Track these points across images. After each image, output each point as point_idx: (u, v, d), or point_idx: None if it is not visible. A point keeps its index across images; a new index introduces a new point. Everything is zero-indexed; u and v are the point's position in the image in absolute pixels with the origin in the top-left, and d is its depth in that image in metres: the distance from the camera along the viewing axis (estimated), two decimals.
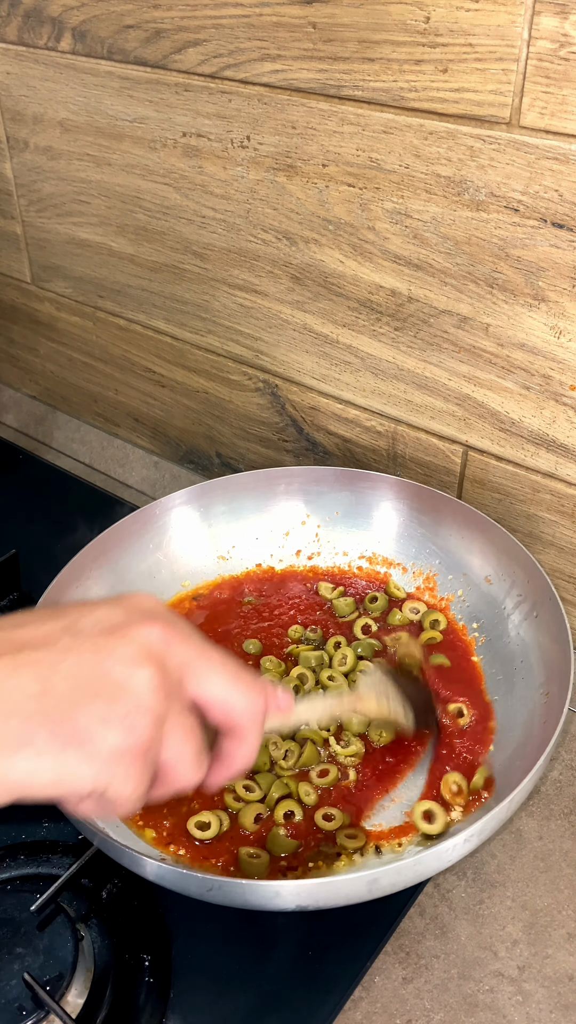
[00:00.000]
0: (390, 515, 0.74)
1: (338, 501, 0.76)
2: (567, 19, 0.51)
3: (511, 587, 0.66)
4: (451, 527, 0.71)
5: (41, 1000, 0.49)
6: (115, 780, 0.37)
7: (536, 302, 0.61)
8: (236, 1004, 0.53)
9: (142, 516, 0.73)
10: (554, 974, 0.55)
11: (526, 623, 0.64)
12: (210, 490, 0.75)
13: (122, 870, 0.58)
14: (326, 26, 0.61)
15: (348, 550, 0.76)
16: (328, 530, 0.76)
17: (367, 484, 0.74)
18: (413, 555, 0.73)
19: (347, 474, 0.75)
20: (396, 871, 0.49)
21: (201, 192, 0.76)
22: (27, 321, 1.03)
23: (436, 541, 0.72)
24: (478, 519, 0.69)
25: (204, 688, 0.40)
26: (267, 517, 0.77)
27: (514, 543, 0.66)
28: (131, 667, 0.38)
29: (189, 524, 0.75)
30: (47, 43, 0.79)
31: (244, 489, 0.76)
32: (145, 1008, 0.52)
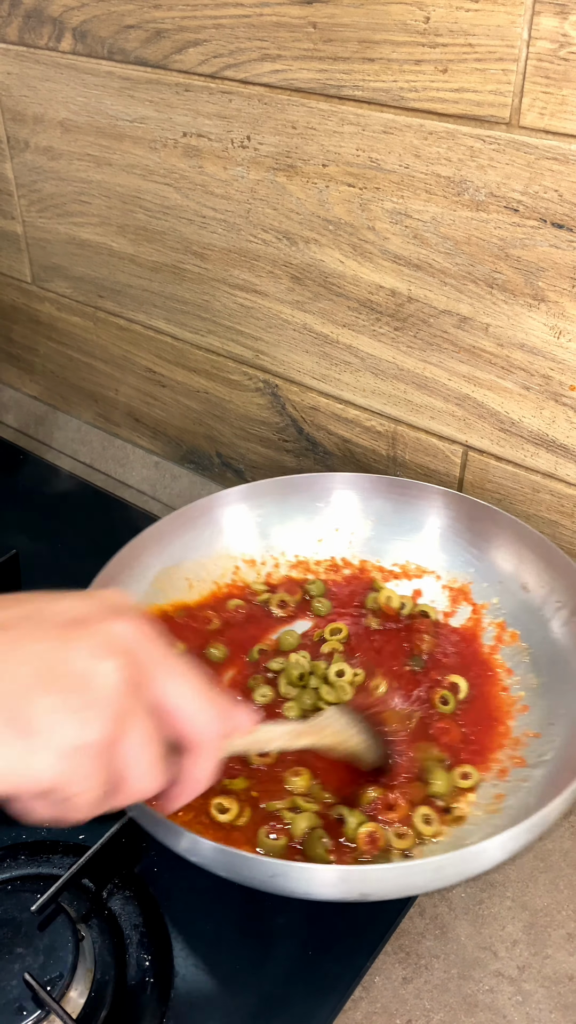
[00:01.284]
0: (424, 523, 0.73)
1: (373, 509, 0.75)
2: (567, 19, 0.51)
3: (549, 593, 0.66)
4: (487, 535, 0.70)
5: (41, 1000, 0.50)
6: (71, 779, 0.35)
7: (536, 302, 0.61)
8: (236, 1004, 0.53)
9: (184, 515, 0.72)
10: (554, 974, 0.55)
11: (565, 628, 0.64)
12: (249, 493, 0.75)
13: (122, 870, 0.58)
14: (326, 26, 0.61)
15: (381, 558, 0.75)
16: (362, 537, 0.76)
17: (401, 491, 0.73)
18: (448, 563, 0.72)
19: (383, 481, 0.74)
20: (461, 859, 0.48)
21: (201, 192, 0.76)
22: (27, 321, 1.03)
23: (471, 550, 0.71)
24: (514, 526, 0.68)
25: (168, 694, 0.38)
26: (301, 524, 0.76)
27: (553, 548, 0.65)
28: (95, 659, 0.36)
29: (226, 526, 0.74)
30: (48, 43, 0.79)
31: (279, 494, 0.75)
32: (145, 1008, 0.52)
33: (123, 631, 0.37)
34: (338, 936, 0.56)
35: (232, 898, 0.58)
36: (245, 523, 0.75)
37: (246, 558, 0.75)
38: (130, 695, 0.36)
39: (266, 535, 0.76)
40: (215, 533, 0.74)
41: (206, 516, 0.74)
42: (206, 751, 0.40)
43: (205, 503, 0.73)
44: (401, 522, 0.74)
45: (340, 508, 0.76)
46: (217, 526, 0.74)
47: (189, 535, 0.73)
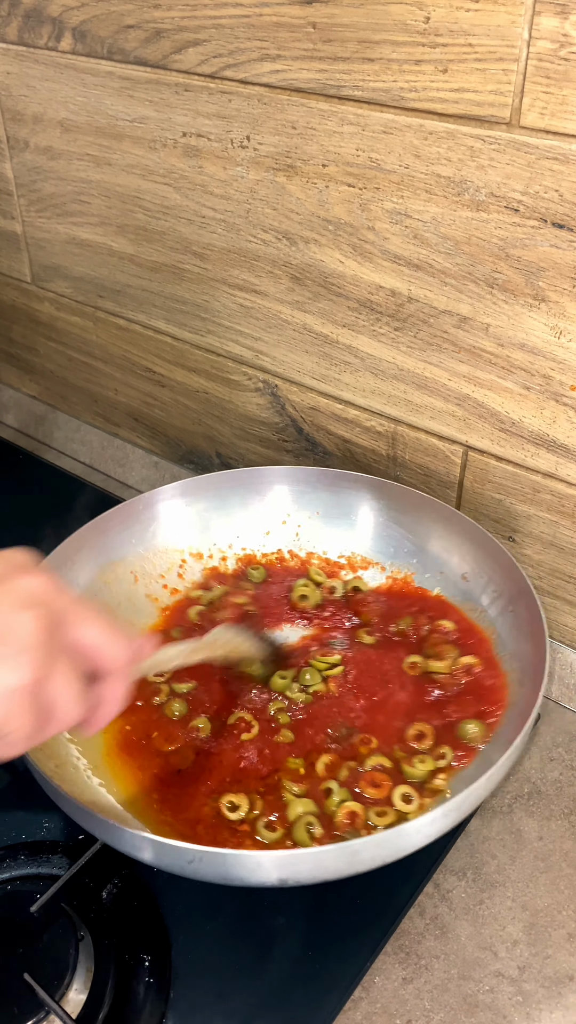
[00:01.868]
0: (369, 515, 0.75)
1: (319, 500, 0.76)
2: (567, 19, 0.51)
3: (487, 583, 0.67)
4: (429, 526, 0.72)
5: (41, 1000, 0.50)
6: (5, 719, 0.39)
7: (536, 302, 0.61)
8: (236, 1004, 0.53)
9: (124, 510, 0.73)
10: (554, 974, 0.55)
11: (501, 618, 0.65)
12: (194, 487, 0.76)
13: (123, 870, 0.58)
14: (326, 26, 0.61)
15: (328, 549, 0.76)
16: (308, 530, 0.77)
17: (347, 484, 0.75)
18: (392, 554, 0.74)
19: (327, 474, 0.76)
20: (376, 843, 0.49)
21: (201, 192, 0.76)
22: (27, 321, 1.03)
23: (414, 540, 0.73)
24: (456, 517, 0.70)
25: (81, 635, 0.43)
26: (248, 515, 0.77)
27: (491, 540, 0.67)
28: (15, 611, 0.40)
29: (171, 519, 0.75)
30: (47, 43, 0.79)
31: (225, 487, 0.77)
32: (145, 1008, 0.52)
33: (33, 584, 0.42)
34: (338, 936, 0.56)
35: (232, 898, 0.58)
36: (187, 517, 0.76)
37: (192, 551, 0.76)
38: (49, 639, 0.40)
39: (210, 528, 0.77)
40: (158, 527, 0.75)
41: (149, 511, 0.75)
42: (120, 675, 0.46)
43: (147, 497, 0.74)
44: (345, 514, 0.76)
45: (283, 501, 0.77)
46: (159, 520, 0.75)
47: (132, 529, 0.74)
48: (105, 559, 0.72)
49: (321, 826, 0.56)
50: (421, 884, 0.59)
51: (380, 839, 0.49)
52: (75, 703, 0.42)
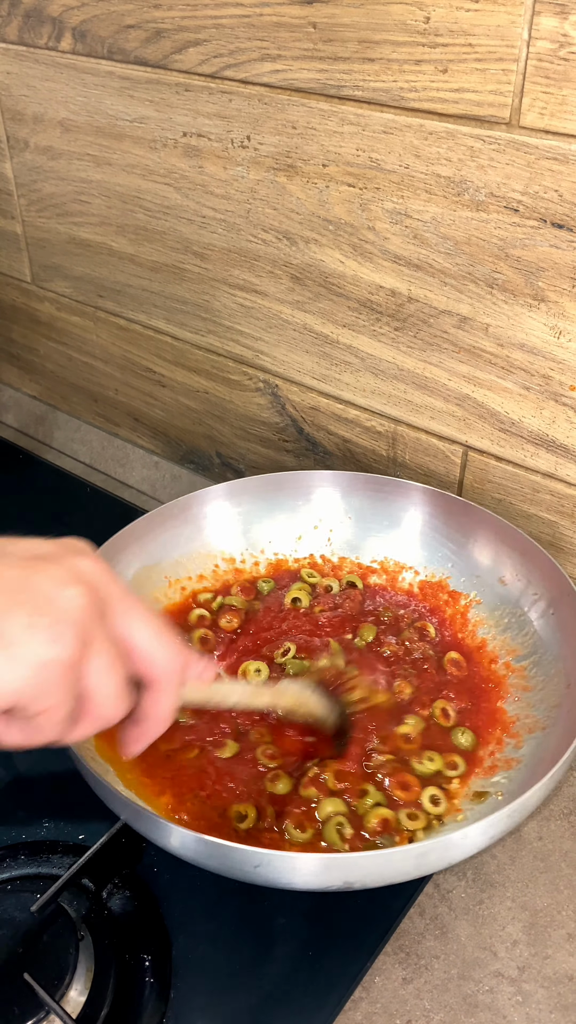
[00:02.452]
0: (402, 520, 0.74)
1: (351, 506, 0.76)
2: (567, 19, 0.51)
3: (526, 586, 0.67)
4: (464, 530, 0.71)
5: (41, 1000, 0.49)
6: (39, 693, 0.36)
7: (536, 302, 0.61)
8: (236, 1004, 0.53)
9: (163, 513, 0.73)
10: (554, 974, 0.55)
11: (542, 620, 0.65)
12: (228, 492, 0.75)
13: (123, 870, 0.58)
14: (326, 26, 0.61)
15: (360, 555, 0.76)
16: (341, 534, 0.76)
17: (379, 488, 0.74)
18: (426, 559, 0.73)
19: (359, 479, 0.75)
20: (444, 845, 0.49)
21: (201, 192, 0.76)
22: (27, 321, 1.03)
23: (448, 545, 0.72)
24: (491, 520, 0.69)
25: (129, 630, 0.40)
26: (280, 521, 0.76)
27: (530, 543, 0.66)
28: (60, 585, 0.38)
29: (205, 524, 0.75)
30: (47, 43, 0.79)
31: (257, 492, 0.76)
32: (145, 1008, 0.52)
33: (86, 566, 0.40)
34: (338, 936, 0.56)
35: (232, 898, 0.58)
36: (225, 521, 0.76)
37: (225, 556, 0.75)
38: (94, 619, 0.38)
39: (246, 533, 0.76)
40: (195, 531, 0.74)
41: (185, 514, 0.74)
42: (166, 688, 0.42)
43: (184, 501, 0.74)
44: (379, 519, 0.75)
45: (319, 506, 0.76)
46: (197, 524, 0.75)
47: (169, 533, 0.73)
48: (142, 562, 0.71)
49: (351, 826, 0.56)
50: (421, 884, 0.59)
51: (448, 841, 0.49)
52: (116, 698, 0.39)
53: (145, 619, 0.41)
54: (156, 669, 0.41)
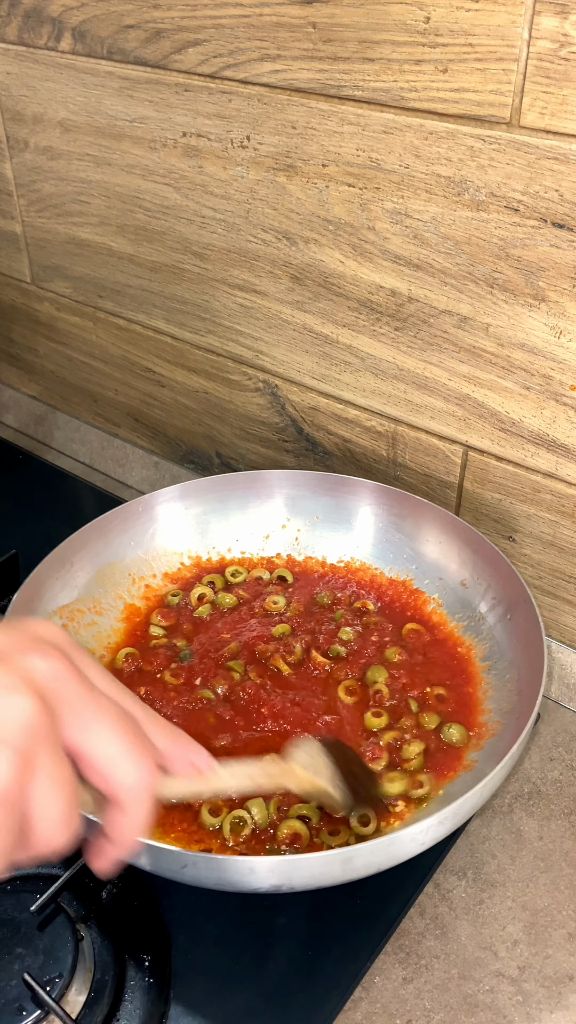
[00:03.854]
0: (369, 520, 0.75)
1: (319, 505, 0.76)
2: (567, 19, 0.51)
3: (486, 590, 0.67)
4: (429, 532, 0.72)
5: (41, 1000, 0.49)
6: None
7: (536, 302, 0.61)
8: (236, 1004, 0.53)
9: (125, 511, 0.73)
10: (554, 974, 0.55)
11: (500, 625, 0.65)
12: (194, 490, 0.76)
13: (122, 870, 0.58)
14: (326, 26, 0.61)
15: (327, 554, 0.76)
16: (307, 534, 0.77)
17: (347, 489, 0.75)
18: (391, 559, 0.74)
19: (328, 479, 0.76)
20: (370, 850, 0.48)
21: (201, 192, 0.76)
22: (27, 321, 1.03)
23: (414, 545, 0.73)
24: (456, 524, 0.69)
25: (88, 740, 0.35)
26: (248, 519, 0.77)
27: (490, 547, 0.66)
28: (6, 693, 0.33)
29: (171, 522, 0.75)
30: (47, 43, 0.79)
31: (226, 490, 0.77)
32: (145, 1008, 0.52)
33: (43, 667, 0.34)
34: (338, 936, 0.56)
35: (232, 898, 0.58)
36: (186, 520, 0.76)
37: (191, 554, 0.76)
38: (41, 736, 0.33)
39: (209, 532, 0.77)
40: (157, 529, 0.75)
41: (148, 512, 0.74)
42: (130, 809, 0.36)
43: (146, 500, 0.74)
44: (346, 519, 0.76)
45: (284, 505, 0.77)
46: (158, 522, 0.75)
47: (132, 531, 0.74)
48: (104, 560, 0.72)
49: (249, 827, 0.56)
50: (421, 884, 0.59)
51: (374, 846, 0.49)
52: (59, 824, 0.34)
53: (112, 727, 0.35)
54: (117, 788, 0.36)
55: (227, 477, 0.77)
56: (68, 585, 0.69)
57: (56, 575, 0.68)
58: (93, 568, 0.71)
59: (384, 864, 0.50)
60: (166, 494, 0.75)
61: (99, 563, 0.71)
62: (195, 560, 0.76)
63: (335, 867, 0.49)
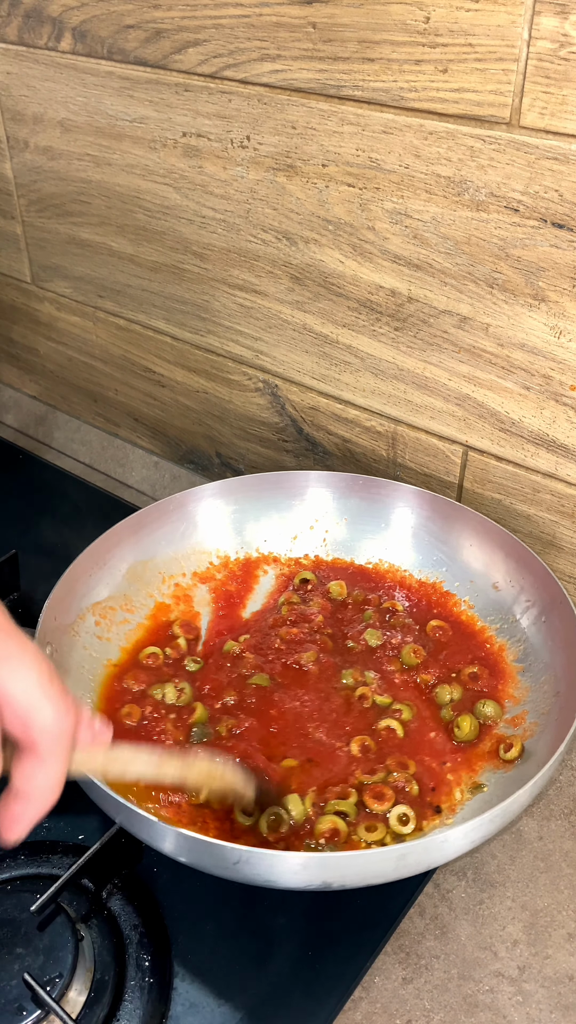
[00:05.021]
0: (398, 522, 0.74)
1: (348, 507, 0.76)
2: (567, 19, 0.51)
3: (519, 593, 0.66)
4: (460, 534, 0.71)
5: (41, 1000, 0.49)
6: None
7: (536, 302, 0.61)
8: (236, 1004, 0.53)
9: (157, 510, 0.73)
10: (554, 974, 0.55)
11: (534, 627, 0.65)
12: (224, 490, 0.75)
13: (122, 870, 0.58)
14: (326, 26, 0.61)
15: (355, 556, 0.76)
16: (336, 535, 0.76)
17: (377, 490, 0.74)
18: (420, 562, 0.73)
19: (357, 480, 0.75)
20: (424, 848, 0.49)
21: (201, 192, 0.76)
22: (27, 321, 1.03)
23: (444, 548, 0.72)
24: (487, 526, 0.69)
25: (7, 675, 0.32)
26: (275, 520, 0.77)
27: (524, 549, 0.66)
28: None
29: (200, 521, 0.75)
30: (47, 43, 0.79)
31: (254, 491, 0.76)
32: (145, 1008, 0.52)
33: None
34: (338, 936, 0.56)
35: (232, 898, 0.58)
36: (219, 519, 0.76)
37: (220, 554, 0.75)
38: None
39: (240, 531, 0.76)
40: (189, 528, 0.75)
41: (181, 510, 0.74)
42: (47, 756, 0.34)
43: (180, 498, 0.74)
44: (374, 520, 0.75)
45: (315, 506, 0.77)
46: (191, 521, 0.75)
47: (164, 529, 0.73)
48: (136, 558, 0.72)
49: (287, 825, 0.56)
50: (421, 884, 0.59)
51: (427, 843, 0.49)
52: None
53: (30, 664, 0.33)
54: (35, 730, 0.33)
55: (259, 477, 0.76)
56: (101, 582, 0.69)
57: (91, 571, 0.68)
58: (126, 565, 0.71)
59: (436, 861, 0.51)
60: (201, 492, 0.75)
61: (131, 560, 0.71)
62: (223, 560, 0.75)
63: (389, 864, 0.49)
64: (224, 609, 0.73)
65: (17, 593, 0.79)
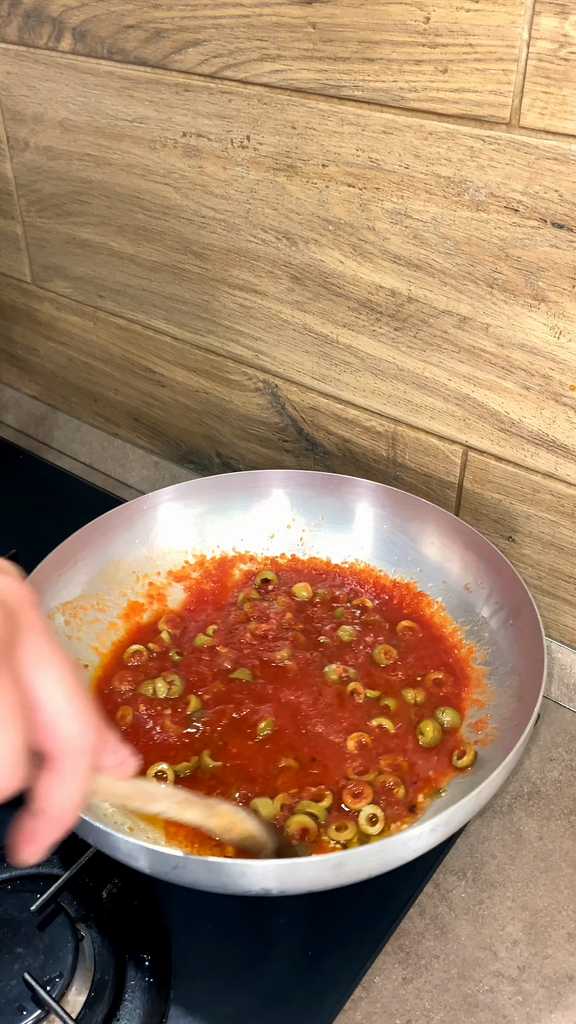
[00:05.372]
0: (375, 522, 0.75)
1: (324, 506, 0.76)
2: (567, 19, 0.51)
3: (489, 595, 0.67)
4: (434, 535, 0.71)
5: (41, 1000, 0.50)
6: None
7: (536, 302, 0.61)
8: (236, 1004, 0.53)
9: (129, 509, 0.73)
10: (554, 974, 0.55)
11: (502, 630, 0.65)
12: (198, 488, 0.76)
13: (122, 870, 0.58)
14: (326, 26, 0.61)
15: (332, 555, 0.76)
16: (313, 534, 0.77)
17: (353, 490, 0.75)
18: (395, 561, 0.74)
19: (334, 479, 0.76)
20: (361, 856, 0.48)
21: (201, 192, 0.76)
22: (27, 321, 1.03)
23: (418, 548, 0.73)
24: (461, 528, 0.69)
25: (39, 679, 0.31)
26: (253, 518, 0.77)
27: (495, 552, 0.66)
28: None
29: (175, 520, 0.76)
30: (47, 43, 0.79)
31: (231, 489, 0.77)
32: (145, 1008, 0.52)
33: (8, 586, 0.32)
34: (338, 936, 0.56)
35: (232, 898, 0.58)
36: (187, 520, 0.76)
37: (195, 553, 0.76)
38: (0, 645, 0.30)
39: (211, 531, 0.77)
40: (160, 528, 0.75)
41: (151, 511, 0.75)
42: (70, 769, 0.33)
43: (149, 498, 0.74)
44: (351, 520, 0.76)
45: (292, 505, 0.77)
46: (160, 522, 0.75)
47: (135, 529, 0.74)
48: (107, 558, 0.72)
49: None
50: (421, 884, 0.59)
51: (365, 852, 0.48)
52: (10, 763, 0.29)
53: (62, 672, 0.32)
54: (60, 742, 0.32)
55: (227, 477, 0.77)
56: (71, 582, 0.69)
57: (59, 572, 0.68)
58: (97, 566, 0.71)
59: (376, 870, 0.50)
60: (167, 493, 0.75)
61: (102, 561, 0.72)
62: (199, 559, 0.76)
63: (326, 872, 0.48)
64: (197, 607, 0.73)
65: None
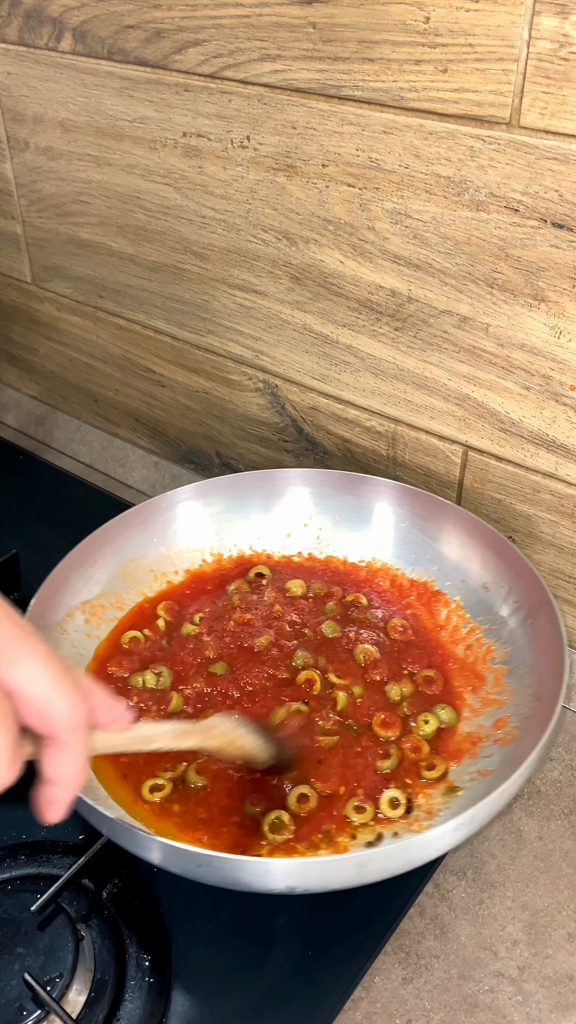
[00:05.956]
0: (392, 520, 0.74)
1: (341, 505, 0.76)
2: (567, 19, 0.51)
3: (508, 594, 0.67)
4: (452, 534, 0.71)
5: (41, 1000, 0.50)
6: None
7: (536, 302, 0.61)
8: (236, 1004, 0.53)
9: (148, 508, 0.74)
10: (554, 974, 0.55)
11: (521, 629, 0.65)
12: (216, 487, 0.76)
13: (123, 870, 0.58)
14: (326, 26, 0.61)
15: (348, 554, 0.76)
16: (330, 533, 0.76)
17: (371, 489, 0.75)
18: (413, 560, 0.73)
19: (351, 478, 0.75)
20: (385, 855, 0.49)
21: (201, 192, 0.76)
22: (27, 321, 1.03)
23: (436, 547, 0.72)
24: (479, 527, 0.69)
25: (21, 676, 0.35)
26: (270, 517, 0.77)
27: (513, 551, 0.66)
28: None
29: (194, 519, 0.76)
30: (47, 43, 0.79)
31: (249, 488, 0.76)
32: (145, 1008, 0.52)
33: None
34: (338, 936, 0.56)
35: (232, 898, 0.58)
36: (205, 519, 0.76)
37: (213, 552, 0.76)
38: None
39: (229, 530, 0.77)
40: (178, 527, 0.75)
41: (170, 510, 0.75)
42: (67, 745, 0.37)
43: (169, 496, 0.74)
44: (369, 519, 0.75)
45: (309, 504, 0.77)
46: (179, 520, 0.75)
47: (154, 527, 0.74)
48: (126, 557, 0.72)
49: None
50: (421, 884, 0.59)
51: (388, 851, 0.49)
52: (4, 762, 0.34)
53: (44, 663, 0.35)
54: (53, 724, 0.36)
55: (245, 475, 0.77)
56: (91, 580, 0.70)
57: (79, 570, 0.68)
58: (115, 564, 0.71)
59: (399, 869, 0.51)
60: (186, 492, 0.75)
61: (121, 559, 0.72)
62: (216, 558, 0.76)
63: (349, 871, 0.49)
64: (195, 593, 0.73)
65: (17, 593, 0.79)
